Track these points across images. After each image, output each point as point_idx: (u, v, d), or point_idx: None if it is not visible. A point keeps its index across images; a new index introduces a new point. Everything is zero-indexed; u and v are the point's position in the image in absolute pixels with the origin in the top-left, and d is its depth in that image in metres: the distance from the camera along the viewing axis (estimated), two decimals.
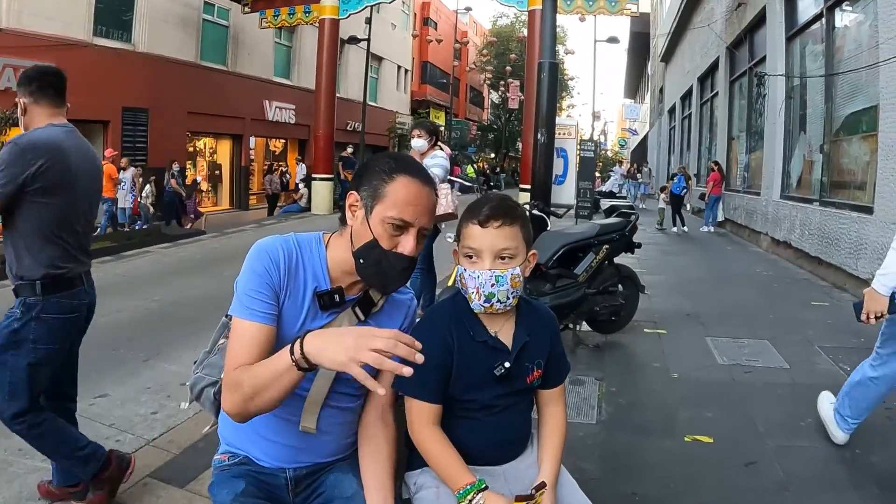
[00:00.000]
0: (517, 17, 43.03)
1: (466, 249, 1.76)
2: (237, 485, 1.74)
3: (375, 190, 1.66)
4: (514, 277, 1.73)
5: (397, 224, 1.64)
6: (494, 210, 1.73)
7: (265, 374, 1.53)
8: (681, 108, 24.93)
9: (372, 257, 1.66)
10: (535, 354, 1.85)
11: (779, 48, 11.13)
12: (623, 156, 45.72)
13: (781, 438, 3.64)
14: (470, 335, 1.79)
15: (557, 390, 1.94)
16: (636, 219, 6.01)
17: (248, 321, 1.64)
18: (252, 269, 1.68)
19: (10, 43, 12.70)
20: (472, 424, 1.82)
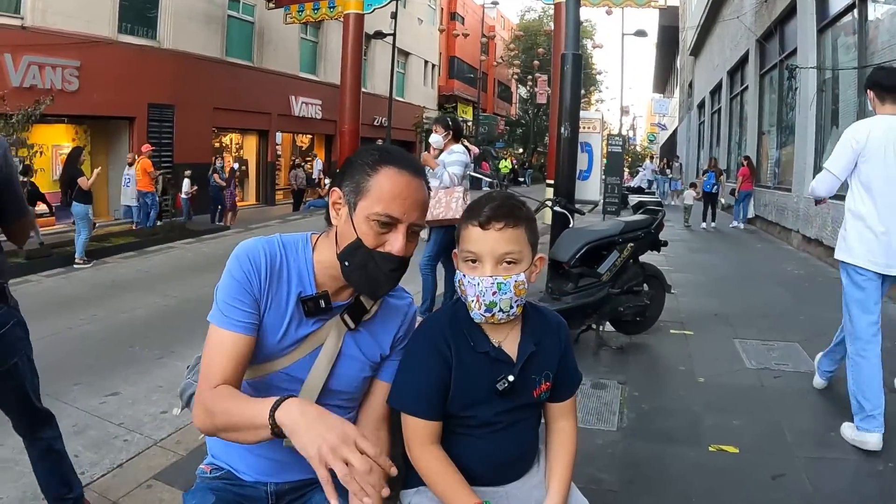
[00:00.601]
0: (544, 11, 42.73)
1: (466, 253, 1.59)
2: (206, 498, 1.63)
3: (358, 185, 1.52)
4: (519, 285, 1.56)
5: (383, 221, 1.49)
6: (496, 210, 1.56)
7: (240, 420, 1.41)
8: (710, 103, 24.47)
9: (357, 259, 1.52)
10: (542, 366, 1.69)
11: (810, 40, 10.81)
12: (652, 151, 45.16)
13: (811, 449, 3.45)
14: (470, 346, 1.64)
15: (567, 404, 1.78)
16: (663, 216, 5.82)
17: (225, 330, 1.53)
18: (231, 274, 1.56)
19: (35, 41, 12.75)
20: (474, 442, 1.67)
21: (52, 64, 13.07)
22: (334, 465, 1.23)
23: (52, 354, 5.56)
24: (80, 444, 3.81)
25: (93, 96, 13.91)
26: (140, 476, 3.33)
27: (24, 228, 2.53)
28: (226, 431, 1.45)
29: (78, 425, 4.09)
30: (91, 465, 3.54)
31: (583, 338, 5.42)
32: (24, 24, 12.73)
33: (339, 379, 1.65)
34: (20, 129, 9.64)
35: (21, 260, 9.57)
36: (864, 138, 3.49)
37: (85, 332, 6.29)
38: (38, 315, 6.85)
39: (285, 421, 1.32)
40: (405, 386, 1.65)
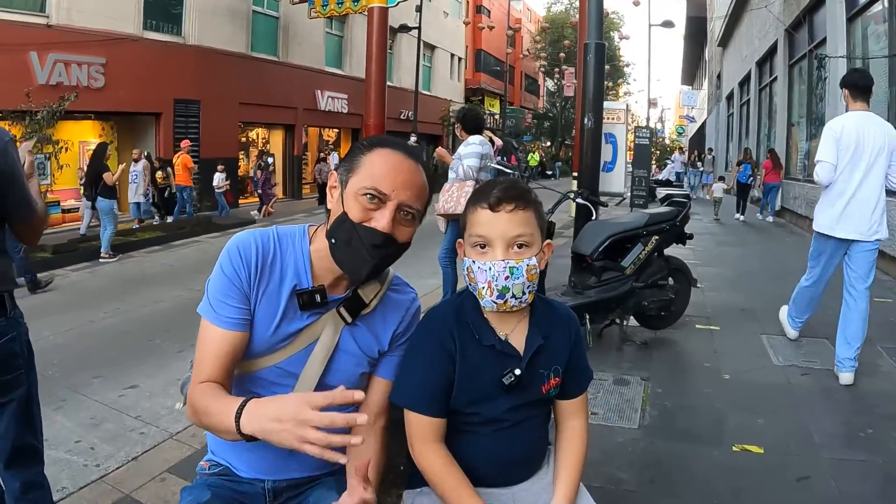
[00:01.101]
0: (571, 3, 42.41)
1: (475, 238, 1.51)
2: (202, 494, 1.59)
3: (351, 163, 1.50)
4: (531, 269, 1.49)
5: (371, 194, 1.44)
6: (506, 192, 1.49)
7: (217, 423, 1.37)
8: (739, 95, 24.10)
9: (342, 235, 1.47)
10: (551, 360, 1.62)
11: (839, 29, 10.57)
12: (680, 143, 44.67)
13: (838, 450, 3.33)
14: (475, 338, 1.56)
15: (578, 401, 1.69)
16: (688, 208, 5.69)
17: (214, 326, 1.49)
18: (221, 268, 1.51)
19: (60, 39, 12.86)
20: (479, 441, 1.60)
21: (77, 61, 13.18)
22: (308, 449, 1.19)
23: (75, 347, 5.61)
24: (96, 436, 3.82)
25: (119, 93, 14.01)
26: (154, 469, 3.32)
27: (33, 228, 2.32)
28: (211, 430, 1.43)
29: (96, 418, 4.10)
30: (106, 458, 3.54)
31: (606, 333, 5.33)
32: (50, 22, 12.84)
33: (334, 374, 1.58)
34: (45, 126, 9.72)
35: (48, 255, 9.68)
36: (840, 130, 4.38)
37: (107, 326, 6.32)
38: (62, 309, 6.95)
39: (253, 431, 1.28)
40: (407, 381, 1.58)
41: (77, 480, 3.27)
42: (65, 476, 3.32)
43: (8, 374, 2.13)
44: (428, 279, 7.59)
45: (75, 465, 3.45)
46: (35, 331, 5.91)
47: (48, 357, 5.23)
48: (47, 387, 4.57)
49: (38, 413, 2.31)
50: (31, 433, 2.26)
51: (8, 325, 2.13)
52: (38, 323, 6.21)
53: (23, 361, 2.18)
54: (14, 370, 2.15)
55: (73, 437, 3.81)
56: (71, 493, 3.12)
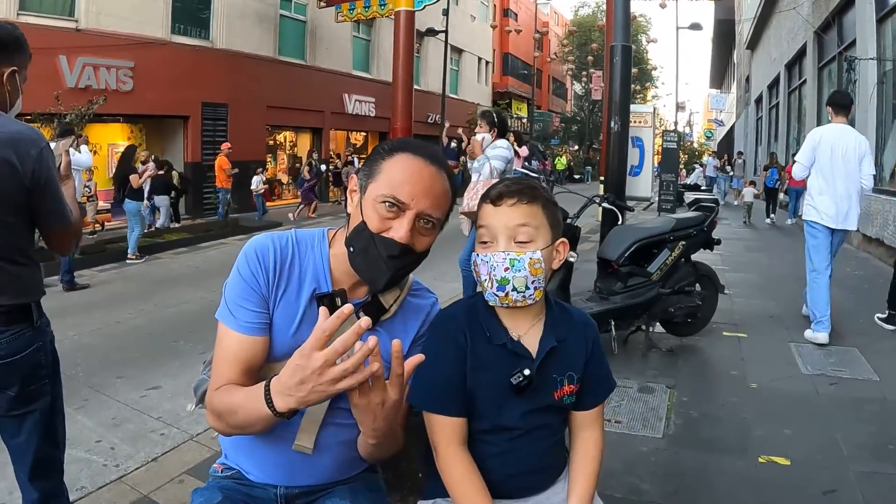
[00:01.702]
0: (598, 6, 42.20)
1: (481, 232, 1.51)
2: (213, 497, 1.56)
3: (371, 168, 1.47)
4: (534, 262, 1.45)
5: (389, 203, 1.41)
6: (509, 187, 1.49)
7: (243, 415, 1.36)
8: (768, 98, 23.79)
9: (360, 243, 1.44)
10: (565, 366, 1.56)
11: (869, 31, 10.36)
12: (708, 147, 44.23)
13: (866, 463, 3.23)
14: (486, 336, 1.52)
15: (594, 412, 1.63)
16: (716, 213, 5.60)
17: (233, 331, 1.46)
18: (239, 272, 1.49)
19: (89, 43, 13.05)
20: (491, 449, 1.55)
21: (106, 65, 13.35)
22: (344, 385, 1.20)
23: (99, 347, 5.65)
24: (117, 436, 3.83)
25: (147, 96, 14.16)
26: (173, 471, 3.33)
27: (66, 238, 2.21)
28: (241, 429, 1.41)
29: (117, 418, 4.11)
30: (126, 458, 3.55)
31: (632, 339, 5.26)
32: (79, 26, 13.03)
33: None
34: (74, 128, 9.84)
35: (75, 256, 9.78)
36: (818, 138, 5.45)
37: (132, 327, 6.36)
38: (88, 309, 7.01)
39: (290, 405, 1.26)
40: (423, 382, 1.52)
41: (96, 480, 3.27)
42: (84, 476, 3.33)
43: (31, 384, 2.07)
44: (453, 282, 7.55)
45: (95, 465, 3.46)
46: (60, 330, 5.94)
47: (72, 357, 5.28)
48: (71, 386, 4.59)
49: (61, 424, 2.26)
50: (52, 445, 2.21)
51: (34, 335, 2.07)
52: (63, 322, 6.28)
53: (46, 372, 2.12)
54: (37, 381, 2.09)
55: (94, 436, 3.83)
56: (90, 493, 3.13)
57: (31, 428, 2.10)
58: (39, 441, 2.13)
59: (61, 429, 2.27)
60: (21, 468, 2.16)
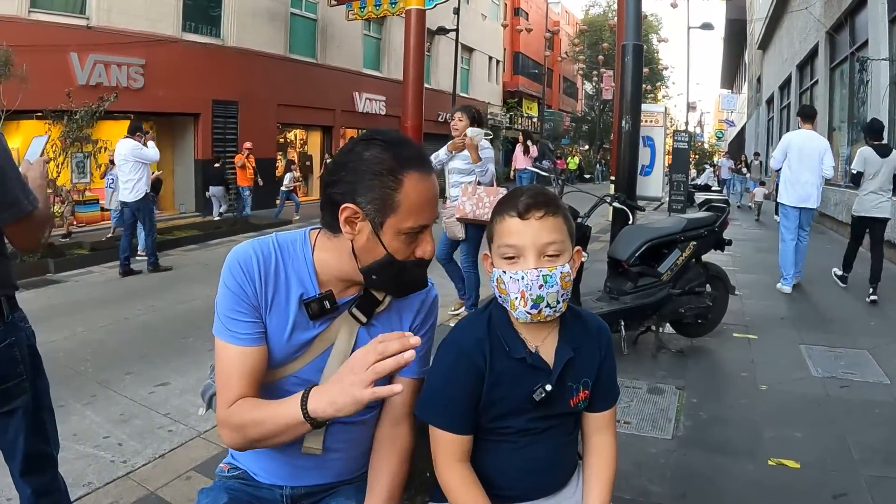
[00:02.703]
0: (609, 6, 42.06)
1: (504, 248, 1.45)
2: (219, 497, 1.56)
3: (384, 200, 1.38)
4: (565, 276, 1.43)
5: (416, 232, 1.42)
6: (535, 198, 1.44)
7: (274, 427, 1.36)
8: (779, 98, 23.63)
9: (388, 273, 1.44)
10: (580, 373, 1.55)
11: (881, 31, 10.29)
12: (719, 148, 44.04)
13: (877, 467, 3.20)
14: (505, 351, 1.50)
15: (607, 415, 1.62)
16: (727, 213, 5.56)
17: (231, 345, 1.45)
18: (226, 285, 1.47)
19: (100, 40, 13.10)
20: (502, 448, 1.54)
21: (117, 62, 13.41)
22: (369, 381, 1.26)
23: (108, 343, 5.66)
24: (124, 432, 3.83)
25: (158, 93, 14.21)
26: (181, 467, 3.32)
27: (29, 229, 2.03)
28: (261, 441, 1.40)
29: (125, 414, 4.11)
30: (133, 454, 3.54)
31: (641, 340, 5.23)
32: (90, 23, 13.09)
33: None
34: (84, 126, 9.86)
35: (85, 252, 9.83)
36: (789, 141, 7.45)
37: (142, 323, 6.37)
38: (97, 305, 7.03)
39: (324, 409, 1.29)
40: (434, 397, 1.52)
41: (103, 476, 3.27)
42: (91, 471, 3.32)
43: (7, 381, 1.99)
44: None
45: (102, 461, 3.46)
46: (70, 326, 5.99)
47: (81, 352, 5.30)
48: (79, 382, 4.63)
49: (49, 419, 2.22)
50: (42, 441, 2.17)
51: (6, 330, 2.00)
52: (72, 319, 6.32)
53: (24, 368, 2.05)
54: (14, 377, 2.02)
55: (102, 432, 3.82)
56: (96, 489, 3.12)
57: (17, 426, 2.07)
58: (28, 438, 2.11)
59: (50, 426, 2.23)
60: (13, 465, 2.13)
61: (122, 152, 8.83)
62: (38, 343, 2.20)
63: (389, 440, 1.56)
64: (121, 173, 8.87)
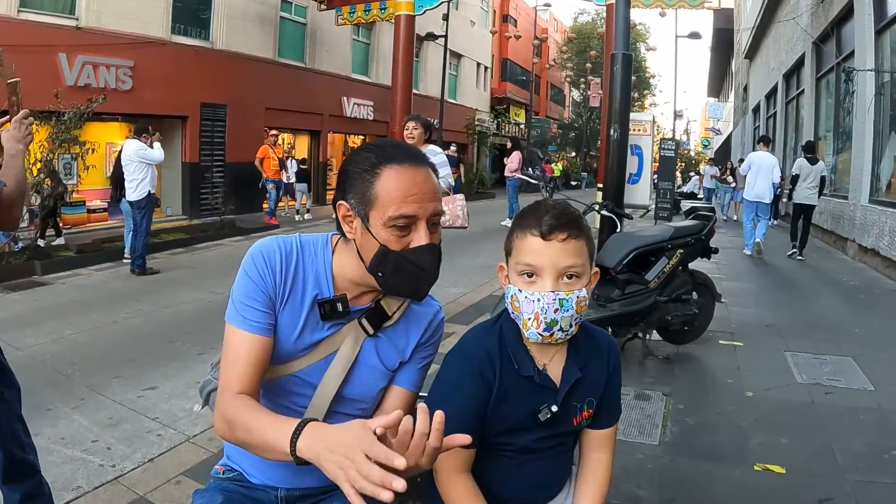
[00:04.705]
0: (598, 14, 42.27)
1: (523, 266, 1.44)
2: (214, 498, 1.58)
3: (364, 194, 1.42)
4: (580, 301, 1.43)
5: (401, 224, 1.40)
6: (559, 219, 1.42)
7: (260, 442, 1.32)
8: (765, 107, 23.83)
9: (389, 266, 1.43)
10: (586, 392, 1.57)
11: (868, 42, 10.40)
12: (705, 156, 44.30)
13: (862, 472, 3.25)
14: (514, 368, 1.51)
15: (607, 433, 1.64)
16: (714, 221, 5.62)
17: (242, 330, 1.46)
18: (246, 273, 1.49)
19: (90, 41, 13.02)
20: (505, 464, 1.56)
21: (105, 64, 13.32)
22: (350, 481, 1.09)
23: (96, 347, 5.64)
24: (113, 436, 3.82)
25: (146, 95, 14.13)
26: (170, 471, 3.33)
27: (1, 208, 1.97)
28: (245, 446, 1.39)
29: (114, 418, 4.09)
30: (122, 459, 3.53)
31: (628, 346, 5.27)
32: (79, 24, 13.00)
33: (353, 387, 1.57)
34: (72, 127, 9.81)
35: (72, 254, 9.77)
36: (751, 159, 11.40)
37: (129, 326, 6.34)
38: (85, 308, 7.00)
39: (309, 456, 1.20)
40: (439, 406, 1.53)
41: (92, 480, 3.26)
42: (80, 475, 3.31)
43: None
44: (451, 288, 7.57)
45: (91, 465, 3.45)
46: (57, 329, 5.96)
47: (69, 356, 5.28)
48: (67, 385, 4.62)
49: (21, 428, 2.21)
50: (17, 447, 2.17)
51: None
52: (61, 322, 6.28)
53: None
54: None
55: (90, 436, 3.81)
56: (85, 493, 3.12)
57: None
58: (4, 447, 2.12)
59: (24, 434, 2.24)
60: None
61: (128, 152, 8.91)
62: (25, 346, 2.23)
63: None
64: (126, 172, 8.90)
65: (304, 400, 1.55)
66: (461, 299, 7.26)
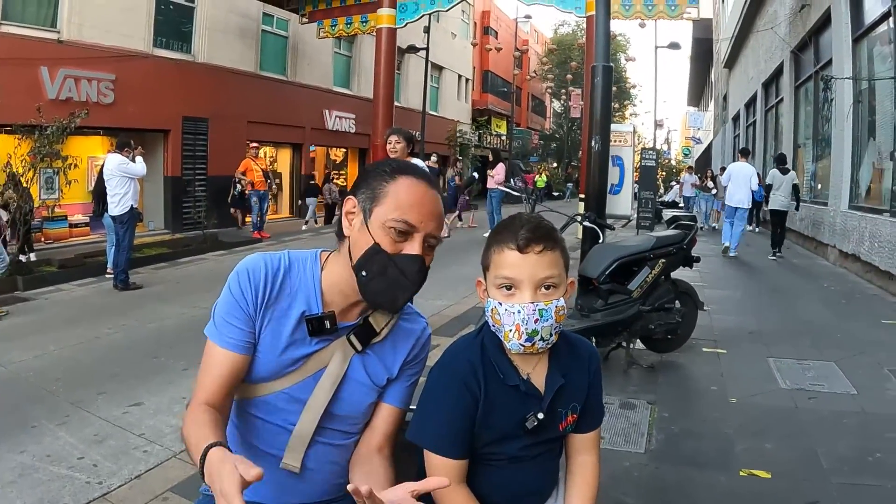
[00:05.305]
0: (578, 25, 42.61)
1: (501, 279, 1.48)
2: None
3: (374, 191, 1.48)
4: (559, 310, 1.47)
5: (400, 228, 1.44)
6: (535, 233, 1.46)
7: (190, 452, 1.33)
8: (745, 116, 24.13)
9: (375, 266, 1.46)
10: (570, 398, 1.60)
11: (845, 50, 10.57)
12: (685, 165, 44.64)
13: (847, 475, 3.30)
14: (500, 378, 1.53)
15: (592, 436, 1.67)
16: (696, 231, 5.69)
17: (218, 347, 1.49)
18: (229, 290, 1.52)
19: (71, 55, 12.97)
20: (493, 472, 1.58)
21: (87, 77, 13.27)
22: None
23: (79, 362, 5.60)
24: (99, 453, 3.79)
25: (128, 109, 14.08)
26: (157, 488, 3.31)
27: None
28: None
29: (99, 434, 4.07)
30: (109, 475, 3.51)
31: (612, 356, 5.31)
32: (61, 37, 12.95)
33: (342, 403, 1.58)
34: (55, 141, 9.75)
35: (54, 269, 9.70)
36: (730, 169, 13.01)
37: (112, 342, 6.31)
38: (67, 324, 6.95)
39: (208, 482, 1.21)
40: (429, 422, 1.55)
41: (79, 497, 3.24)
42: (66, 493, 3.29)
43: None
44: (435, 300, 7.59)
45: (77, 482, 3.42)
46: (40, 345, 5.92)
47: (52, 372, 5.25)
48: (51, 402, 4.60)
49: None
50: None
51: None
52: (43, 337, 6.25)
53: None
54: None
55: (76, 453, 3.79)
56: None
57: None
58: None
59: None
60: None
61: (110, 167, 8.89)
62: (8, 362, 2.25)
63: (374, 458, 1.58)
64: (108, 187, 8.87)
65: (294, 416, 1.56)
66: (445, 311, 7.28)
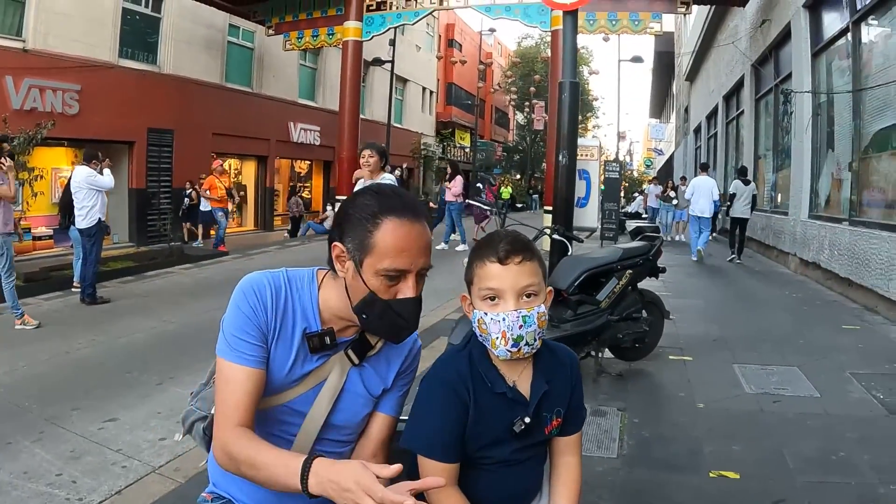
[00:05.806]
0: (541, 38, 43.05)
1: (486, 291, 1.58)
2: None
3: (361, 242, 1.51)
4: (541, 316, 1.58)
5: (393, 275, 1.51)
6: (514, 245, 1.58)
7: (265, 476, 1.41)
8: (706, 128, 24.60)
9: (374, 312, 1.53)
10: (554, 403, 1.70)
11: (805, 64, 10.90)
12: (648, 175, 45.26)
13: (812, 474, 3.45)
14: (488, 386, 1.63)
15: (574, 438, 1.77)
16: (661, 242, 5.85)
17: (236, 364, 1.53)
18: (238, 307, 1.56)
19: (36, 64, 12.85)
20: (482, 476, 1.67)
21: (52, 87, 13.13)
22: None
23: (51, 378, 5.56)
24: (77, 469, 3.78)
25: (93, 120, 13.94)
26: (139, 503, 3.32)
27: None
28: (251, 479, 1.46)
29: (76, 451, 4.06)
30: (89, 492, 3.51)
31: (582, 365, 5.41)
32: (26, 46, 12.82)
33: (340, 414, 1.66)
34: (21, 153, 9.63)
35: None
36: (693, 183, 14.18)
37: (83, 357, 6.26)
38: (36, 338, 6.87)
39: (319, 492, 1.32)
40: (422, 428, 1.64)
41: None
42: None
43: None
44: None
45: (57, 499, 3.42)
46: (10, 361, 5.86)
47: (25, 388, 5.21)
48: (25, 418, 4.57)
49: None
50: None
51: None
52: (12, 353, 6.18)
53: None
54: None
55: (54, 469, 3.77)
56: None
57: None
58: None
59: None
60: None
61: (77, 179, 8.80)
62: None
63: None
64: (76, 199, 8.77)
65: (294, 428, 1.63)
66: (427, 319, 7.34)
